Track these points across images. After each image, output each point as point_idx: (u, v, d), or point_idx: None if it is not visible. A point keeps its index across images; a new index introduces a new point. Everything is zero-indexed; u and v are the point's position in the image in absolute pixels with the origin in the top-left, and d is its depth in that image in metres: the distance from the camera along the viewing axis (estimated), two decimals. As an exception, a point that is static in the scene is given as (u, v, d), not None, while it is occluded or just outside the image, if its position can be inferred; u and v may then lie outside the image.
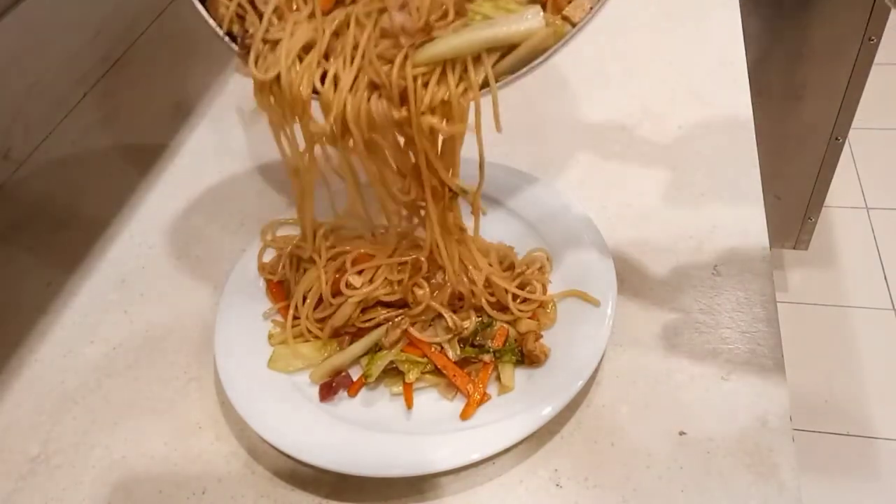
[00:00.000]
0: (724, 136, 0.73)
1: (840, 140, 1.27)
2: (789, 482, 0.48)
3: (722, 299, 0.59)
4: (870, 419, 1.38)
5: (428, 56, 0.46)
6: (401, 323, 0.56)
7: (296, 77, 0.48)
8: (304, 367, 0.57)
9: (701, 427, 0.51)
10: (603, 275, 0.58)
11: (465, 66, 0.47)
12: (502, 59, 0.47)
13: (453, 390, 0.54)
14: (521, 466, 0.51)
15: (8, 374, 0.62)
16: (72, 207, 0.79)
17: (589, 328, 0.55)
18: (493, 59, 0.47)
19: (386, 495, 0.51)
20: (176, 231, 0.73)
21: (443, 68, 0.47)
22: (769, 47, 1.18)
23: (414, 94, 0.47)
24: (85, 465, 0.55)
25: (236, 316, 0.60)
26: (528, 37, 0.46)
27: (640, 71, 0.84)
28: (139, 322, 0.65)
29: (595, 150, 0.75)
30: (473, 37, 0.46)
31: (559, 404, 0.51)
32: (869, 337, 1.51)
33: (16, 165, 0.83)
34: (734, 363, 0.54)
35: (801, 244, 1.50)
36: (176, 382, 0.60)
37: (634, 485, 0.49)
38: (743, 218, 0.65)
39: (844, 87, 1.20)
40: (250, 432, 0.54)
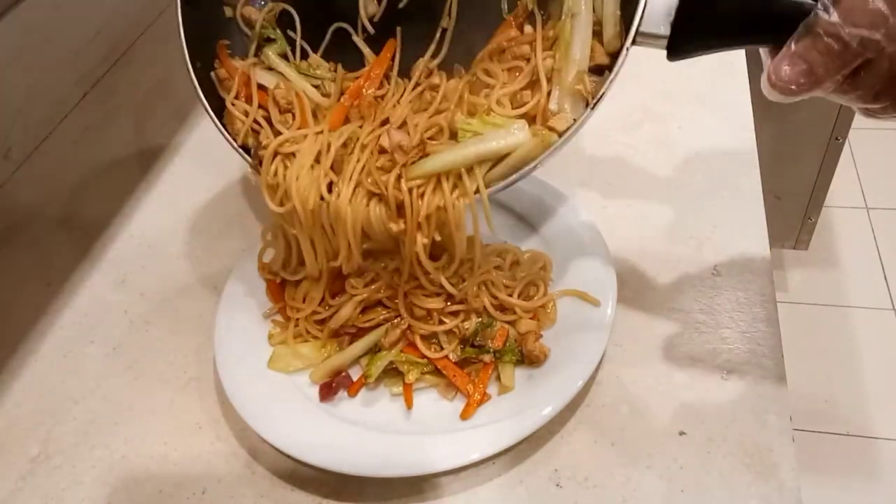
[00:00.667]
0: (724, 136, 0.73)
1: (840, 140, 1.27)
2: (789, 482, 0.48)
3: (722, 299, 0.59)
4: (870, 419, 1.38)
5: (424, 170, 0.50)
6: (400, 324, 0.56)
7: (304, 189, 0.52)
8: (304, 368, 0.57)
9: (701, 427, 0.51)
10: (603, 275, 0.58)
11: (459, 175, 0.50)
12: (493, 168, 0.51)
13: (453, 390, 0.54)
14: (521, 466, 0.51)
15: (8, 374, 0.62)
16: (72, 207, 0.79)
17: (589, 328, 0.55)
18: (484, 169, 0.51)
19: (386, 495, 0.51)
20: (176, 231, 0.73)
21: (437, 179, 0.51)
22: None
23: (411, 207, 0.51)
24: (85, 465, 0.55)
25: (236, 316, 0.60)
26: (515, 149, 0.50)
27: (640, 71, 0.84)
28: (139, 322, 0.65)
29: (595, 150, 0.75)
30: (465, 152, 0.50)
31: (559, 404, 0.51)
32: (869, 337, 1.51)
33: (16, 165, 0.83)
34: (734, 363, 0.54)
35: (801, 244, 1.50)
36: (176, 382, 0.60)
37: (634, 485, 0.49)
38: (743, 218, 0.65)
39: (844, 87, 1.20)
40: (250, 432, 0.54)
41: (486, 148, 0.50)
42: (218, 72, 0.57)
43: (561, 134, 0.50)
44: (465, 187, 0.50)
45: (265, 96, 0.56)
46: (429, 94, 0.56)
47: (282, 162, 0.53)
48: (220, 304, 0.61)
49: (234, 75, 0.56)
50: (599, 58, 0.52)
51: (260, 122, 0.55)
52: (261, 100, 0.56)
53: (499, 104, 0.52)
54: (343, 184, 0.52)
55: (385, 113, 0.55)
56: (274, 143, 0.53)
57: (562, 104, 0.51)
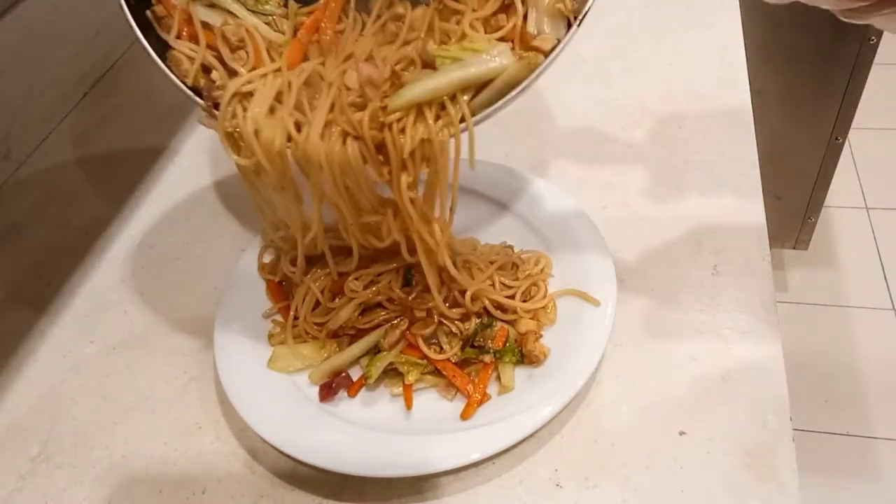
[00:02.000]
0: (724, 136, 0.73)
1: (840, 140, 1.27)
2: (789, 482, 0.48)
3: (722, 299, 0.59)
4: (870, 419, 1.38)
5: (404, 100, 0.47)
6: (400, 325, 0.56)
7: (270, 130, 0.48)
8: (303, 368, 0.57)
9: (701, 427, 0.51)
10: (603, 275, 0.58)
11: (442, 104, 0.47)
12: (477, 95, 0.47)
13: (453, 390, 0.54)
14: (521, 466, 0.51)
15: (8, 374, 0.62)
16: (72, 207, 0.79)
17: (589, 328, 0.55)
18: (468, 96, 0.47)
19: (386, 495, 0.51)
20: (176, 231, 0.73)
21: (418, 109, 0.47)
22: (769, 47, 1.17)
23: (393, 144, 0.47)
24: (85, 465, 0.55)
25: (236, 316, 0.60)
26: (500, 73, 0.47)
27: (640, 71, 0.84)
28: (139, 322, 0.65)
29: (595, 150, 0.75)
30: (447, 78, 0.46)
31: (559, 404, 0.51)
32: (869, 337, 1.51)
33: (16, 165, 0.83)
34: (734, 363, 0.54)
35: (801, 244, 1.49)
36: (176, 382, 0.60)
37: (634, 485, 0.49)
38: (743, 218, 0.65)
39: (844, 87, 1.20)
40: (250, 432, 0.53)
41: (469, 73, 0.47)
42: (155, 9, 0.51)
43: (547, 54, 0.48)
44: (450, 116, 0.47)
45: (211, 35, 0.51)
46: (393, 24, 0.51)
47: (239, 103, 0.48)
48: (220, 304, 0.61)
49: (174, 13, 0.51)
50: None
51: (210, 63, 0.50)
52: (207, 39, 0.50)
53: (472, 29, 0.48)
54: (313, 122, 0.47)
55: (347, 48, 0.51)
56: (233, 84, 0.48)
57: (540, 26, 0.48)
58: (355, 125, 0.47)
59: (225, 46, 0.51)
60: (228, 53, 0.51)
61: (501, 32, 0.49)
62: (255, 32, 0.51)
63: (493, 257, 0.60)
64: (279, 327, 0.60)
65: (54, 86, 0.88)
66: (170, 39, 0.51)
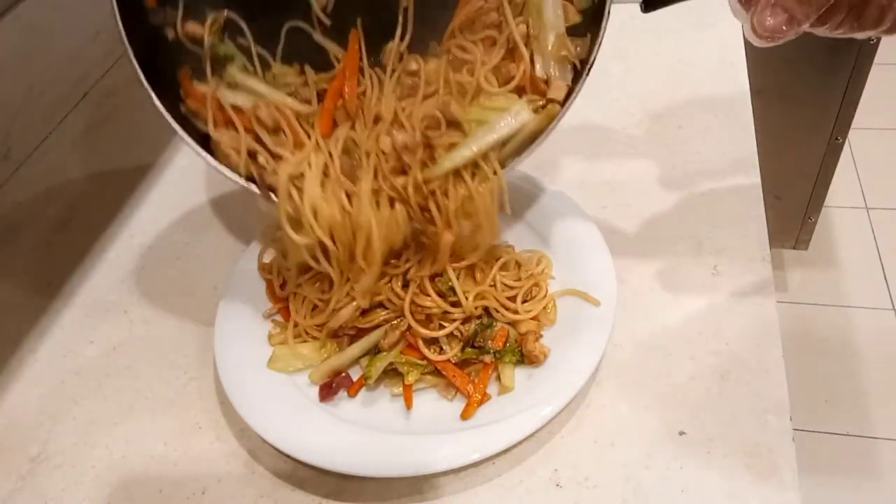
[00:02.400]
0: (724, 136, 0.73)
1: (840, 140, 1.27)
2: (789, 482, 0.48)
3: (722, 299, 0.59)
4: (870, 419, 1.38)
5: (444, 169, 0.52)
6: (400, 325, 0.56)
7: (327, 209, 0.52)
8: (303, 368, 0.57)
9: (701, 427, 0.51)
10: (603, 275, 0.58)
11: (476, 163, 0.52)
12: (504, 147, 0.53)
13: (453, 390, 0.54)
14: (521, 466, 0.51)
15: (8, 374, 0.62)
16: (72, 207, 0.79)
17: (589, 328, 0.55)
18: (497, 152, 0.52)
19: (386, 495, 0.51)
20: (176, 231, 0.73)
21: (456, 173, 0.52)
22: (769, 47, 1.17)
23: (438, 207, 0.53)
24: (85, 465, 0.55)
25: (236, 316, 0.60)
26: (523, 128, 0.52)
27: (641, 71, 0.84)
28: (139, 322, 0.65)
29: (595, 150, 0.75)
30: (479, 144, 0.52)
31: (559, 404, 0.51)
32: (869, 337, 1.51)
33: (16, 165, 0.83)
34: (734, 363, 0.54)
35: (801, 244, 1.49)
36: (176, 382, 0.60)
37: (634, 485, 0.49)
38: (743, 218, 0.65)
39: (844, 87, 1.20)
40: (250, 432, 0.53)
41: (497, 136, 0.52)
42: (187, 104, 0.54)
43: (562, 103, 0.52)
44: (484, 173, 0.52)
45: (245, 118, 0.54)
46: (408, 78, 0.55)
47: (293, 185, 0.52)
48: (220, 304, 0.61)
49: (204, 103, 0.53)
50: (572, 17, 0.52)
51: (254, 148, 0.53)
52: (243, 123, 0.53)
53: (486, 81, 0.52)
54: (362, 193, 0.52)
55: (373, 108, 0.54)
56: (285, 168, 0.52)
57: (548, 70, 0.52)
58: (400, 191, 0.52)
59: (262, 130, 0.53)
60: (268, 137, 0.53)
61: (514, 83, 0.52)
62: (286, 110, 0.54)
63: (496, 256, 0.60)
64: (279, 327, 0.60)
65: (54, 86, 0.88)
66: (210, 132, 0.53)
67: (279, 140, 0.54)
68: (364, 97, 0.55)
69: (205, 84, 0.53)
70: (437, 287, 0.56)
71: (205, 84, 0.53)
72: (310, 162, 0.52)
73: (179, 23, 0.52)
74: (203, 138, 0.54)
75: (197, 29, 0.53)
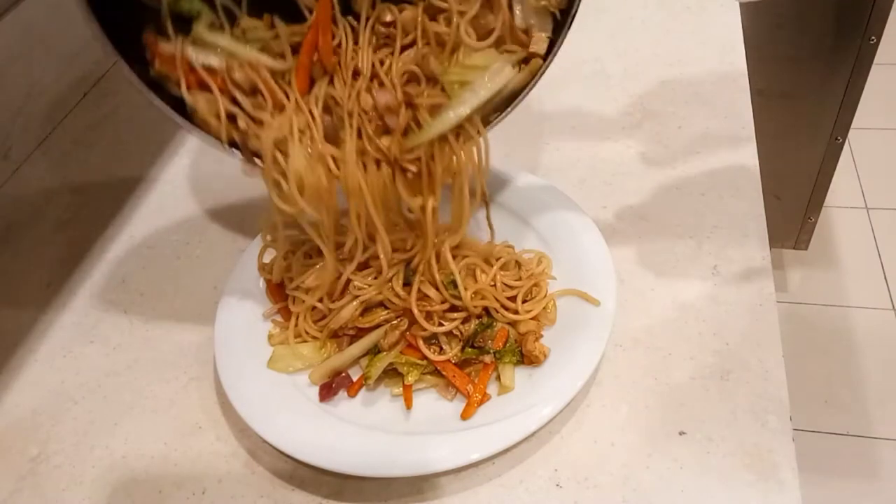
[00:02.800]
0: (724, 136, 0.73)
1: (840, 140, 1.27)
2: (789, 482, 0.48)
3: (722, 299, 0.59)
4: (870, 419, 1.38)
5: (430, 135, 0.51)
6: (400, 325, 0.56)
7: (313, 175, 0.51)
8: (303, 368, 0.57)
9: (701, 427, 0.51)
10: (603, 275, 0.58)
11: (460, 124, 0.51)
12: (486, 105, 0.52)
13: (453, 390, 0.54)
14: (521, 466, 0.51)
15: (8, 374, 0.62)
16: (72, 207, 0.79)
17: (589, 328, 0.55)
18: (479, 113, 0.52)
19: (386, 495, 0.51)
20: (176, 231, 0.73)
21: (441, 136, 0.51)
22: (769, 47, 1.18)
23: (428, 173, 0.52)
24: (85, 465, 0.55)
25: (236, 316, 0.60)
26: (506, 85, 0.51)
27: (640, 71, 0.84)
28: (139, 322, 0.65)
29: (595, 150, 0.75)
30: (463, 109, 0.51)
31: (559, 404, 0.51)
32: (869, 337, 1.51)
33: (16, 165, 0.83)
34: (734, 363, 0.54)
35: (801, 244, 1.50)
36: (176, 382, 0.60)
37: (634, 485, 0.49)
38: (743, 218, 0.65)
39: (844, 87, 1.20)
40: (250, 432, 0.53)
41: (480, 98, 0.51)
42: (156, 66, 0.51)
43: (544, 57, 0.51)
44: (468, 133, 0.52)
45: (218, 79, 0.51)
46: (383, 28, 0.53)
47: (278, 151, 0.51)
48: (220, 304, 0.61)
49: (174, 64, 0.51)
50: None
51: (232, 111, 0.51)
52: (217, 84, 0.51)
53: (466, 34, 0.51)
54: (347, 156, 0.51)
55: (349, 63, 0.52)
56: (269, 134, 0.50)
57: (528, 21, 0.51)
58: (386, 152, 0.51)
59: (239, 92, 0.52)
60: (245, 100, 0.52)
61: (494, 36, 0.51)
62: (261, 69, 0.52)
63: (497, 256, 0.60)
64: (279, 327, 0.60)
65: (54, 86, 0.88)
66: (184, 94, 0.51)
67: (257, 102, 0.52)
68: (340, 50, 0.53)
69: (171, 44, 0.51)
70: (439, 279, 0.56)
71: (171, 44, 0.51)
72: (292, 128, 0.51)
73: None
74: (177, 103, 0.52)
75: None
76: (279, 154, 0.51)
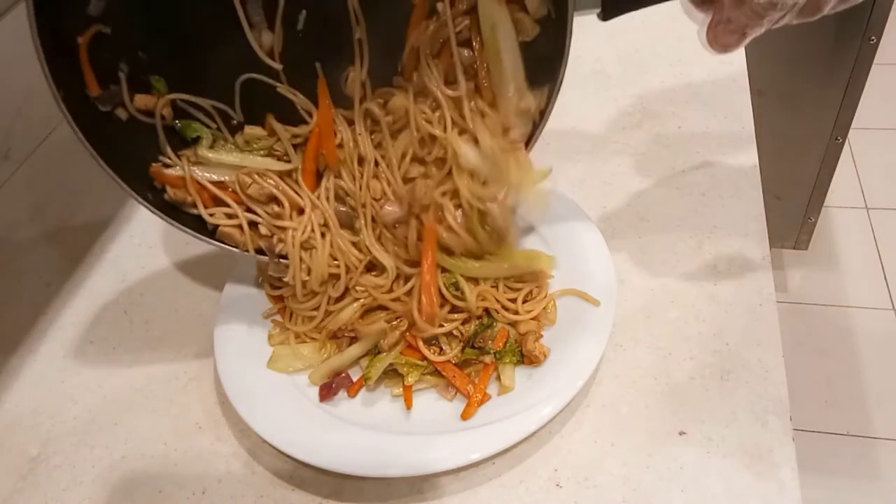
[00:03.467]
0: (724, 136, 0.73)
1: (840, 140, 1.27)
2: (789, 482, 0.48)
3: (722, 299, 0.59)
4: (870, 419, 1.38)
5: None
6: (399, 325, 0.56)
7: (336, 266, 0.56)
8: (303, 368, 0.57)
9: (701, 427, 0.51)
10: (603, 275, 0.58)
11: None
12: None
13: (453, 390, 0.54)
14: (521, 466, 0.51)
15: (8, 374, 0.62)
16: (72, 207, 0.79)
17: (589, 328, 0.55)
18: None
19: (386, 495, 0.51)
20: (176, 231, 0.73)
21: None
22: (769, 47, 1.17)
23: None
24: (85, 465, 0.55)
25: (236, 316, 0.60)
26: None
27: (640, 71, 0.84)
28: (139, 322, 0.65)
29: (595, 150, 0.75)
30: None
31: (559, 404, 0.51)
32: (869, 337, 1.51)
33: (16, 165, 0.83)
34: (734, 363, 0.54)
35: (801, 244, 1.50)
36: (176, 382, 0.60)
37: (634, 485, 0.49)
38: (743, 218, 0.65)
39: (844, 87, 1.20)
40: (250, 432, 0.53)
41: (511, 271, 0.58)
42: (170, 193, 0.54)
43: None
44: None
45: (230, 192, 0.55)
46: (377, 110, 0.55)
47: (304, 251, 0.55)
48: (220, 303, 0.61)
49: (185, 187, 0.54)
50: (531, 30, 0.52)
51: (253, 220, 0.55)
52: (233, 199, 0.54)
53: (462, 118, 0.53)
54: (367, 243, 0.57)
55: (353, 151, 0.55)
56: (294, 240, 0.54)
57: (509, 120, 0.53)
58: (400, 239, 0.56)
59: (258, 205, 0.55)
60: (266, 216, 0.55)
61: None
62: (270, 174, 0.55)
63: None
64: (279, 327, 0.60)
65: (54, 86, 0.88)
66: (203, 215, 0.54)
67: (274, 211, 0.55)
68: (341, 149, 0.56)
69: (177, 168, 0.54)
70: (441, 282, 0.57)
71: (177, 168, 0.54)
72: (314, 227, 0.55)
73: (127, 97, 0.51)
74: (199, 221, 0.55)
75: (149, 100, 0.52)
76: (305, 253, 0.55)
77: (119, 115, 0.52)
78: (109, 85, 0.50)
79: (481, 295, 0.57)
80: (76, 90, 0.48)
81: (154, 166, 0.54)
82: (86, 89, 0.49)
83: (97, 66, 0.49)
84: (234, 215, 0.55)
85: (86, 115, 0.48)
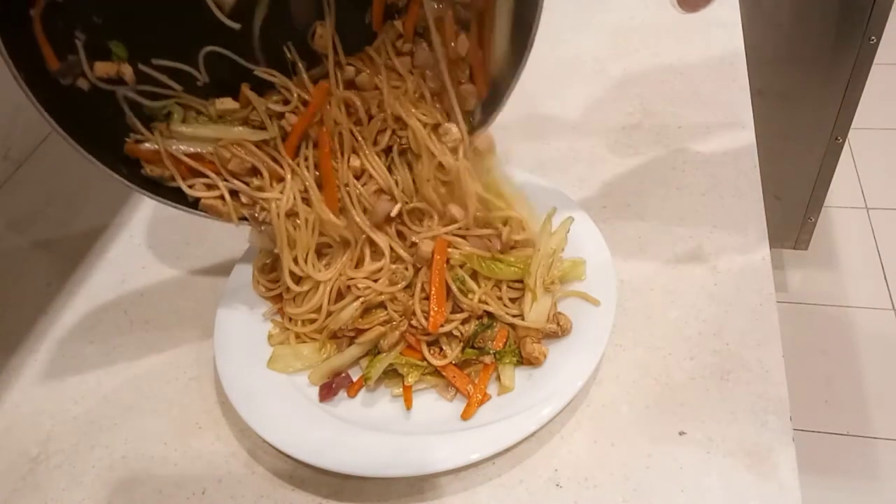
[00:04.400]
0: (724, 136, 0.73)
1: (840, 140, 1.27)
2: (789, 482, 0.48)
3: (722, 299, 0.59)
4: (870, 419, 1.38)
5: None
6: (399, 325, 0.56)
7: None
8: (303, 368, 0.57)
9: (701, 427, 0.51)
10: (603, 275, 0.58)
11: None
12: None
13: (453, 390, 0.54)
14: (521, 466, 0.51)
15: (8, 374, 0.62)
16: (72, 207, 0.79)
17: (589, 328, 0.55)
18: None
19: (386, 495, 0.51)
20: (176, 231, 0.73)
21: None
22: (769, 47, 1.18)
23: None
24: (85, 465, 0.55)
25: (236, 316, 0.60)
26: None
27: (640, 71, 0.84)
28: (139, 322, 0.65)
29: (595, 150, 0.75)
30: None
31: (559, 404, 0.51)
32: (869, 337, 1.51)
33: (16, 165, 0.83)
34: (734, 363, 0.54)
35: (801, 244, 1.50)
36: (176, 382, 0.60)
37: (634, 485, 0.49)
38: (743, 218, 0.65)
39: (844, 87, 1.20)
40: (250, 432, 0.53)
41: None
42: (147, 170, 0.54)
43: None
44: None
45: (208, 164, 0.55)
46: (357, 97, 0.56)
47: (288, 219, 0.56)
48: (220, 303, 0.61)
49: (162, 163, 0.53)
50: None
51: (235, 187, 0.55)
52: (210, 169, 0.54)
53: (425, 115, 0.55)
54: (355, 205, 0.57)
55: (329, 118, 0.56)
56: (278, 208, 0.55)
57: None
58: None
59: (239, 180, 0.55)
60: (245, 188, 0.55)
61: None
62: (247, 144, 0.55)
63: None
64: (279, 327, 0.60)
65: (54, 86, 0.88)
66: (183, 186, 0.54)
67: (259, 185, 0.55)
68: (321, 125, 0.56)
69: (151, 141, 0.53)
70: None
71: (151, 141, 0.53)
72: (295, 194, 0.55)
73: (87, 66, 0.50)
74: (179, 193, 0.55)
75: (109, 67, 0.51)
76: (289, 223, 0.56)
77: (81, 85, 0.50)
78: (67, 56, 0.49)
79: (482, 298, 0.57)
80: (35, 67, 0.48)
81: (128, 143, 0.53)
82: (45, 64, 0.48)
83: (53, 39, 0.48)
84: (215, 185, 0.54)
85: (48, 92, 0.48)
